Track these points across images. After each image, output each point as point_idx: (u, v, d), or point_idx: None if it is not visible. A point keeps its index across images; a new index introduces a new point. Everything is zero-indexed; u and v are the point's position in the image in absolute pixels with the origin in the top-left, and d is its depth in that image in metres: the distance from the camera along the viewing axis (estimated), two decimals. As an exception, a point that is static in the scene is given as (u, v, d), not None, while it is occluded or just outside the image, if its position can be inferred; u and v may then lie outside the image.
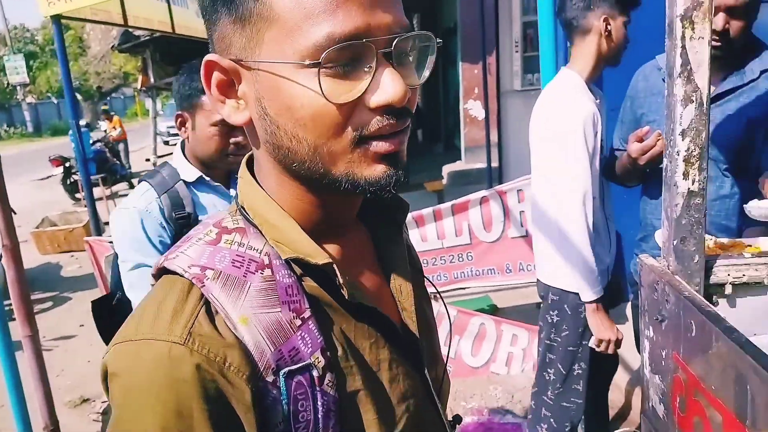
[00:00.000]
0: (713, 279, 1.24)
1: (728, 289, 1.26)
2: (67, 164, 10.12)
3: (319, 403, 0.58)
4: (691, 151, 1.14)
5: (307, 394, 0.58)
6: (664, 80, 1.68)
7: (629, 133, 1.88)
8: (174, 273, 0.59)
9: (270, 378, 0.56)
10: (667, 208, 1.19)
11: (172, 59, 9.33)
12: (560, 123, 1.85)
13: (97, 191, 9.26)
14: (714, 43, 1.52)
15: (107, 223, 8.43)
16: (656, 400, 1.30)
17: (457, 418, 0.83)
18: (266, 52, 0.56)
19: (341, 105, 0.55)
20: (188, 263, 0.59)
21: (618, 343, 1.95)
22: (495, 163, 6.23)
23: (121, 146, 11.81)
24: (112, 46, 9.57)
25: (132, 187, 10.89)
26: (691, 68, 1.11)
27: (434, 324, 0.82)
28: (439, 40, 0.61)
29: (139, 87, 9.50)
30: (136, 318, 0.58)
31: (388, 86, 0.56)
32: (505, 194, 3.32)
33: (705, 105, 1.12)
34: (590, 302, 1.91)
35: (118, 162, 11.79)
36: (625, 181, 1.99)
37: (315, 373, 0.58)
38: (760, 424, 0.89)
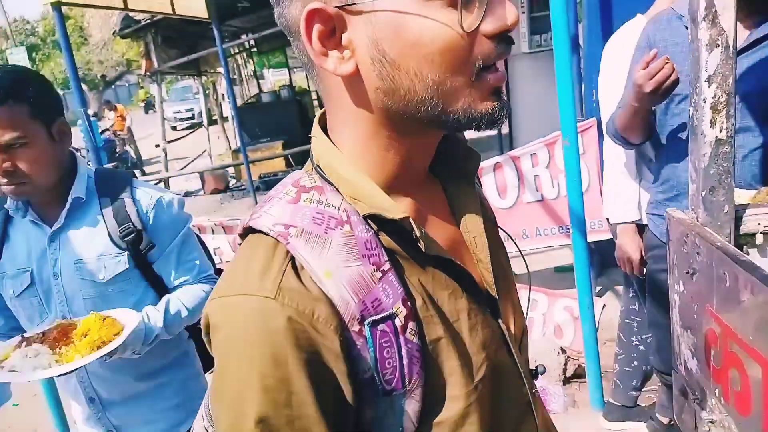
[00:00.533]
0: (743, 229, 1.21)
1: (759, 239, 1.24)
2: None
3: (404, 350, 0.60)
4: (718, 98, 1.10)
5: (392, 342, 0.60)
6: (687, 27, 1.62)
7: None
8: (259, 232, 0.62)
9: (356, 328, 0.58)
10: (694, 158, 1.16)
11: (174, 42, 9.26)
12: None
13: (110, 180, 9.35)
14: None
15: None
16: (688, 355, 1.29)
17: (540, 369, 0.84)
18: None
19: (469, 34, 0.56)
20: (272, 222, 0.61)
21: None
22: (505, 130, 6.15)
23: (127, 135, 11.84)
24: (114, 32, 9.49)
25: (144, 174, 10.94)
26: (716, 11, 1.07)
27: (511, 275, 0.82)
28: None
29: (143, 72, 9.44)
30: (230, 274, 0.61)
31: (503, 11, 0.57)
32: (519, 159, 3.28)
33: (732, 49, 1.08)
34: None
35: (128, 150, 11.84)
36: (629, 132, 1.86)
37: (398, 322, 0.60)
38: (802, 371, 0.88)
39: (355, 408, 0.60)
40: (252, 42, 11.65)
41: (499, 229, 0.83)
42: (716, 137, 1.12)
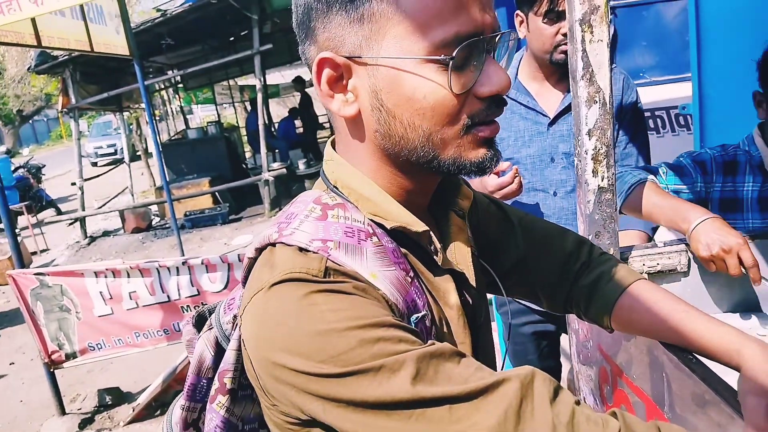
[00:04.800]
0: (630, 270, 1.29)
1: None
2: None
3: None
4: (598, 149, 1.18)
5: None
6: (507, 96, 1.72)
7: None
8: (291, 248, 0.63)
9: (405, 321, 0.61)
10: (580, 205, 1.23)
11: (94, 78, 8.98)
12: None
13: (23, 220, 8.82)
14: (562, 55, 1.57)
15: (34, 253, 8.05)
16: (586, 392, 1.34)
17: None
18: (388, 48, 0.61)
19: (459, 95, 0.62)
20: (308, 238, 0.62)
21: None
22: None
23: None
24: (29, 68, 9.11)
25: (60, 213, 10.40)
26: (592, 70, 1.15)
27: (489, 315, 0.86)
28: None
29: (60, 108, 9.06)
30: (256, 277, 0.62)
31: (496, 77, 0.63)
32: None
33: (608, 104, 1.17)
34: None
35: (44, 188, 11.25)
36: None
37: (428, 323, 0.64)
38: (677, 408, 0.93)
39: None
40: (178, 78, 11.46)
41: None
42: (599, 185, 1.19)
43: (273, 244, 0.64)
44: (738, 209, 1.49)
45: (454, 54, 0.60)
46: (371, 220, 0.67)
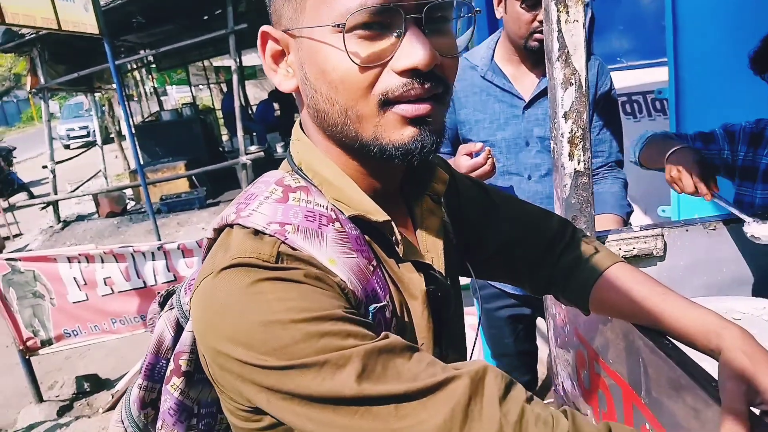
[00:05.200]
0: (607, 253, 1.29)
1: (621, 262, 1.32)
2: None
3: None
4: (575, 133, 1.16)
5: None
6: (483, 77, 1.71)
7: (452, 138, 1.79)
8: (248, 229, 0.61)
9: (362, 311, 0.60)
10: (557, 188, 1.22)
11: (63, 57, 8.71)
12: None
13: (-7, 204, 8.62)
14: (536, 42, 1.56)
15: (7, 238, 7.87)
16: (564, 376, 1.35)
17: None
18: (307, 18, 0.60)
19: (366, 67, 0.58)
20: (265, 221, 0.60)
21: None
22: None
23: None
24: (-6, 47, 8.82)
25: (32, 196, 10.18)
26: (568, 51, 1.13)
27: (461, 301, 0.85)
28: (478, 9, 0.65)
29: (28, 89, 8.80)
30: (210, 260, 0.61)
31: (412, 50, 0.58)
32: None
33: (584, 87, 1.15)
34: None
35: (15, 171, 10.98)
36: None
37: (387, 314, 0.62)
38: (653, 392, 0.93)
39: None
40: (150, 58, 11.20)
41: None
42: (575, 169, 1.18)
43: (231, 225, 0.63)
44: (753, 179, 1.53)
45: (345, 20, 0.56)
46: (334, 206, 0.65)
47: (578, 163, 1.17)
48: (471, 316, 3.14)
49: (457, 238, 0.85)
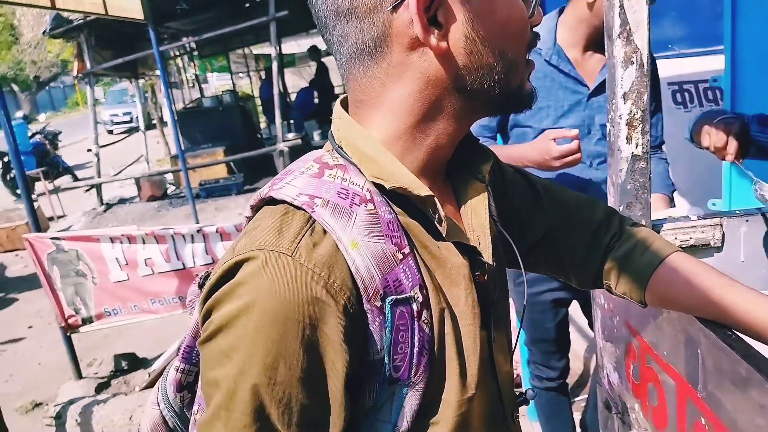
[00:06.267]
0: (661, 243, 1.23)
1: (676, 252, 1.26)
2: (5, 159, 9.64)
3: (416, 337, 0.59)
4: (634, 114, 1.11)
5: (407, 327, 0.59)
6: (548, 62, 1.65)
7: (499, 122, 1.74)
8: (280, 203, 0.60)
9: (377, 303, 0.57)
10: (611, 174, 1.17)
11: (109, 43, 8.90)
12: None
13: (39, 186, 8.88)
14: None
15: (51, 219, 8.12)
16: (610, 369, 1.30)
17: (530, 394, 0.80)
18: None
19: (530, 21, 0.65)
20: (296, 192, 0.59)
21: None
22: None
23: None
24: (44, 32, 9.05)
25: (76, 179, 10.46)
26: (630, 28, 1.08)
27: (506, 286, 0.81)
28: None
29: (75, 74, 9.02)
30: (240, 240, 0.59)
31: (536, 10, 0.66)
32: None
33: (646, 66, 1.10)
34: None
35: (60, 155, 11.30)
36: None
37: (414, 307, 0.59)
38: (711, 386, 0.88)
39: (353, 391, 0.58)
40: (193, 45, 11.37)
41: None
42: (632, 153, 1.13)
43: (266, 202, 0.62)
44: None
45: None
46: (375, 186, 0.62)
47: (636, 147, 1.12)
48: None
49: (501, 224, 0.81)
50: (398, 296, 0.58)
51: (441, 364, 0.62)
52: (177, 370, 0.74)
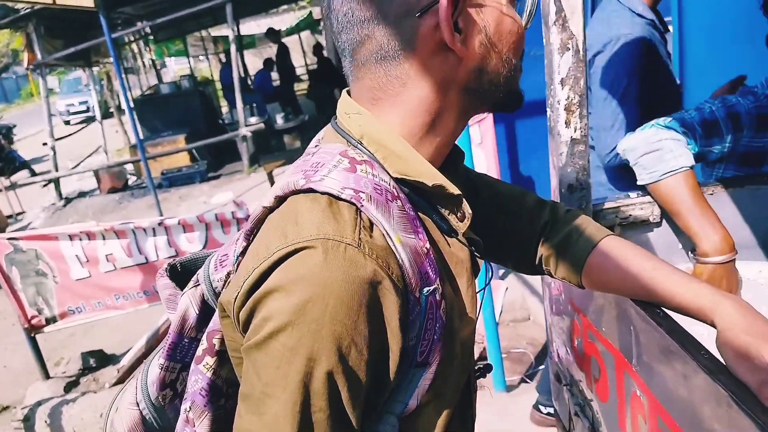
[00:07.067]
0: (603, 223, 1.27)
1: (617, 230, 1.31)
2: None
3: (437, 325, 0.63)
4: (571, 100, 1.14)
5: (434, 315, 0.62)
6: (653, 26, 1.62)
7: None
8: (321, 194, 0.60)
9: (417, 294, 0.60)
10: (552, 157, 1.20)
11: (59, 32, 8.60)
12: None
13: (-5, 182, 8.63)
14: None
15: (10, 217, 7.90)
16: (559, 343, 1.35)
17: (488, 367, 0.88)
18: None
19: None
20: (340, 185, 0.60)
21: None
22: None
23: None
24: (-11, 23, 8.70)
25: (33, 174, 10.18)
26: (565, 15, 1.11)
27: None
28: None
29: (26, 65, 8.73)
30: (282, 228, 0.58)
31: (525, 14, 0.71)
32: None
33: (581, 52, 1.13)
34: None
35: (16, 149, 10.97)
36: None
37: (437, 297, 0.63)
38: (644, 359, 0.93)
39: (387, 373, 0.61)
40: (147, 30, 11.06)
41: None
42: (571, 137, 1.16)
43: (298, 192, 0.61)
44: (758, 164, 1.40)
45: None
46: (397, 183, 0.65)
47: (574, 131, 1.15)
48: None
49: None
50: (429, 287, 0.62)
51: (452, 347, 0.67)
52: (161, 368, 0.74)
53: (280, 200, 0.62)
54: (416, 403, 0.64)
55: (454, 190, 0.67)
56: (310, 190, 0.60)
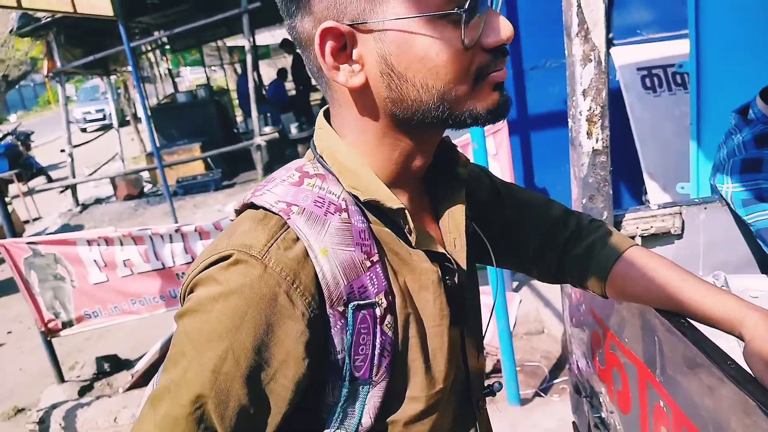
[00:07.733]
0: (623, 233, 1.28)
1: (638, 241, 1.31)
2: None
3: (378, 340, 0.63)
4: (593, 110, 1.15)
5: (369, 330, 0.63)
6: None
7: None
8: (260, 208, 0.64)
9: (340, 308, 0.61)
10: (573, 167, 1.21)
11: (79, 40, 8.73)
12: None
13: (13, 188, 8.73)
14: None
15: (27, 222, 8.00)
16: (579, 354, 1.35)
17: (496, 386, 0.86)
18: (394, 9, 0.60)
19: (470, 49, 0.61)
20: (275, 199, 0.63)
21: None
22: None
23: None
24: (11, 31, 8.86)
25: (50, 180, 10.30)
26: (587, 27, 1.12)
27: (477, 289, 0.86)
28: None
29: (45, 73, 8.86)
30: (217, 241, 0.64)
31: (501, 26, 0.63)
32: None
33: (603, 64, 1.13)
34: None
35: (33, 155, 11.11)
36: None
37: (377, 312, 0.63)
38: (668, 371, 0.93)
39: (316, 387, 0.63)
40: (165, 39, 11.20)
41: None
42: (593, 147, 1.17)
43: (248, 206, 0.66)
44: None
45: (466, 6, 0.59)
46: (351, 196, 0.66)
47: (596, 142, 1.16)
48: (486, 296, 3.15)
49: (470, 222, 0.85)
50: (361, 301, 0.62)
51: (404, 365, 0.67)
52: None
53: (238, 213, 0.68)
54: (370, 419, 0.65)
55: (393, 204, 0.65)
56: (253, 204, 0.65)
